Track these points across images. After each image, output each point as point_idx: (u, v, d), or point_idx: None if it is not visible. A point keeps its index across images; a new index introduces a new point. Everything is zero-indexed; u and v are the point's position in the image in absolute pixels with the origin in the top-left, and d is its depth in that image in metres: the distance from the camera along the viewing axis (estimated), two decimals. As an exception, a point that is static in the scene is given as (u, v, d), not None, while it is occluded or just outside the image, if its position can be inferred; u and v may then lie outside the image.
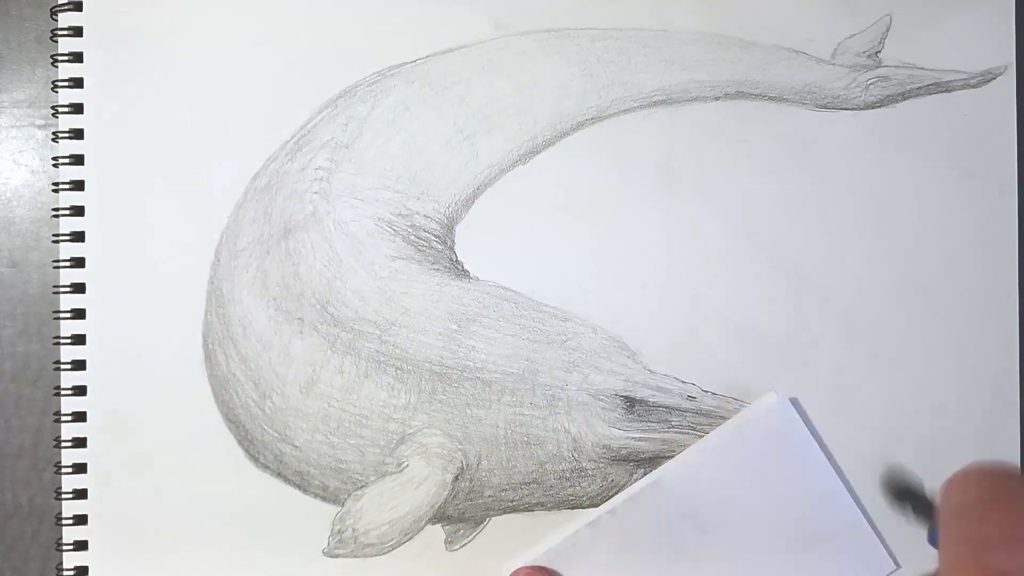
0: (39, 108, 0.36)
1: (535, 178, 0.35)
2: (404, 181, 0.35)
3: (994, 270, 0.35)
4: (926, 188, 0.35)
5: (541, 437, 0.34)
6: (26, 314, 0.35)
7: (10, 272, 0.35)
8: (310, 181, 0.35)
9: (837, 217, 0.35)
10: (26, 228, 0.36)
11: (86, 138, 0.35)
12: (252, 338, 0.34)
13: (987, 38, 0.35)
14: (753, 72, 0.35)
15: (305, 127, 0.35)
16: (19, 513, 0.35)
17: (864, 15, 0.35)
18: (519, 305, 0.35)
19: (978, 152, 0.35)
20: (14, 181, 0.36)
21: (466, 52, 0.35)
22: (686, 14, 0.35)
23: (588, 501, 0.35)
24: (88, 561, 0.34)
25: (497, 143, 0.35)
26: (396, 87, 0.35)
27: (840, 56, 0.35)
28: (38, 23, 0.36)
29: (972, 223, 0.35)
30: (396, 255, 0.35)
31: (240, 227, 0.35)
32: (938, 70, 0.35)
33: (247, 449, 0.34)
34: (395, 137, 0.35)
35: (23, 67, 0.36)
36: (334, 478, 0.34)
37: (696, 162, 0.35)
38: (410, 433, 0.34)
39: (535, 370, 0.34)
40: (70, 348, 0.34)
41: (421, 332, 0.34)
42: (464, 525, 0.35)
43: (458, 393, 0.34)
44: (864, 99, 0.35)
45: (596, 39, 0.35)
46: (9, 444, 0.35)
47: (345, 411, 0.34)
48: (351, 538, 0.34)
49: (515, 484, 0.34)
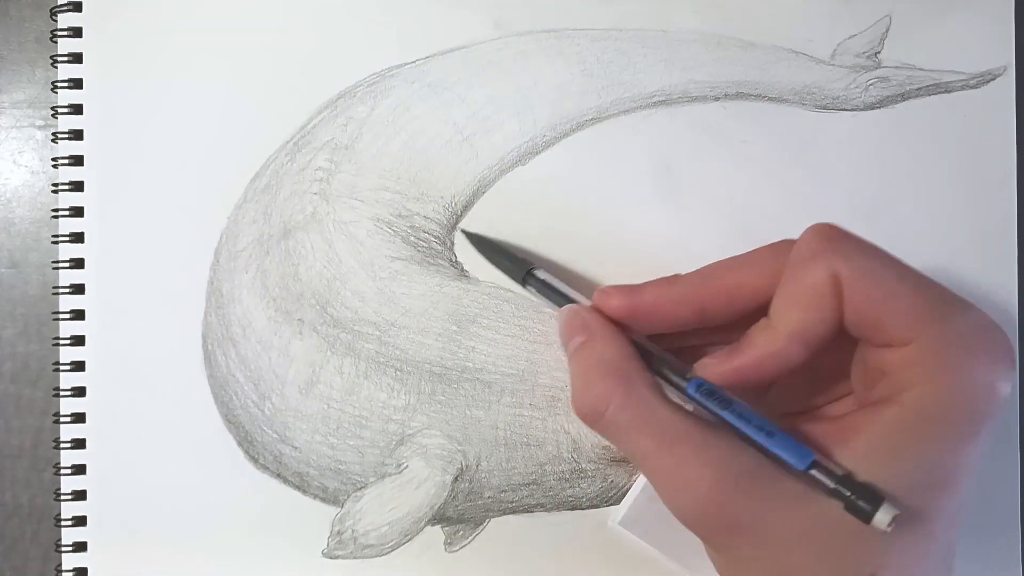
0: (39, 109, 0.36)
1: (535, 178, 0.35)
2: (404, 182, 0.35)
3: (994, 270, 0.35)
4: (926, 188, 0.35)
5: (541, 438, 0.34)
6: (26, 315, 0.35)
7: (10, 273, 0.35)
8: (310, 182, 0.35)
9: (837, 217, 0.35)
10: (26, 229, 0.36)
11: (86, 139, 0.35)
12: (252, 339, 0.34)
13: (986, 39, 0.35)
14: (753, 73, 0.35)
15: (305, 128, 0.35)
16: (19, 514, 0.35)
17: (863, 16, 0.35)
18: (519, 306, 0.35)
19: (978, 153, 0.35)
20: (14, 182, 0.36)
21: (466, 52, 0.35)
22: (686, 14, 0.35)
23: (588, 502, 0.35)
24: (87, 562, 0.34)
25: (497, 143, 0.35)
26: (396, 87, 0.35)
27: (840, 57, 0.35)
28: (38, 23, 0.36)
29: (972, 223, 0.35)
30: (396, 256, 0.35)
31: (240, 228, 0.35)
32: (937, 71, 0.35)
33: (247, 450, 0.34)
34: (395, 138, 0.35)
35: (23, 67, 0.36)
36: (334, 479, 0.34)
37: (696, 163, 0.35)
38: (410, 434, 0.34)
39: (535, 371, 0.34)
40: (70, 349, 0.34)
41: (421, 333, 0.34)
42: (464, 526, 0.35)
43: (458, 394, 0.34)
44: (864, 100, 0.35)
45: (596, 39, 0.35)
46: (9, 445, 0.35)
47: (345, 412, 0.34)
48: (350, 539, 0.34)
49: (515, 485, 0.34)
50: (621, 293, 0.29)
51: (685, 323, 0.28)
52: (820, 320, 0.25)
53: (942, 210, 0.35)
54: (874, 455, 0.24)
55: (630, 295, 0.29)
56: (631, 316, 0.29)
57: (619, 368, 0.27)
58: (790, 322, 0.26)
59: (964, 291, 0.35)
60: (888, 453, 0.24)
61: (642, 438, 0.26)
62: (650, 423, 0.26)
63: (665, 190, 0.35)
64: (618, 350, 0.28)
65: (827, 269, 0.25)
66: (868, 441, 0.25)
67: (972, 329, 0.25)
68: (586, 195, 0.35)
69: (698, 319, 0.28)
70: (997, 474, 0.35)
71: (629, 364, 0.27)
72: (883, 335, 0.25)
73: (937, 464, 0.24)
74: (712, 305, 0.28)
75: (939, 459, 0.24)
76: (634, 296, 0.29)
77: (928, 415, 0.24)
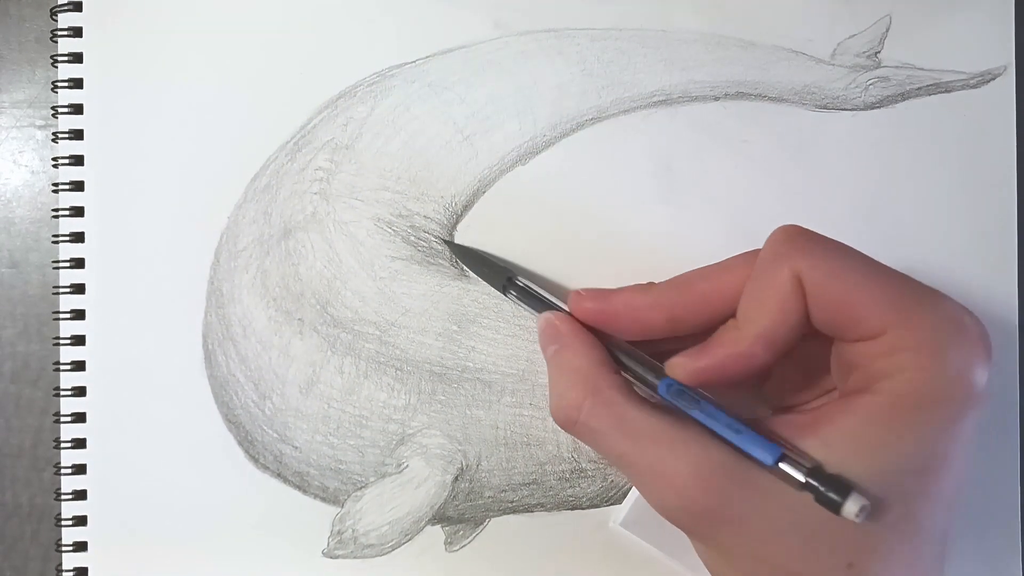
0: (39, 109, 0.36)
1: (535, 178, 0.35)
2: (404, 181, 0.35)
3: (994, 270, 0.35)
4: (926, 188, 0.35)
5: (541, 438, 0.34)
6: (26, 315, 0.35)
7: (10, 273, 0.35)
8: (310, 182, 0.35)
9: (836, 217, 0.35)
10: (26, 229, 0.36)
11: (86, 139, 0.35)
12: (252, 339, 0.34)
13: (986, 38, 0.35)
14: (753, 72, 0.35)
15: (305, 127, 0.35)
16: (19, 513, 0.35)
17: (863, 15, 0.35)
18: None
19: (978, 152, 0.35)
20: (14, 181, 0.36)
21: (466, 52, 0.35)
22: (686, 14, 0.35)
23: (588, 502, 0.35)
24: (88, 562, 0.34)
25: (497, 143, 0.35)
26: (396, 87, 0.35)
27: (840, 56, 0.35)
28: (38, 23, 0.36)
29: (972, 223, 0.35)
30: (396, 256, 0.35)
31: (240, 227, 0.35)
32: (937, 70, 0.35)
33: (247, 450, 0.34)
34: (395, 137, 0.35)
35: (23, 67, 0.36)
36: (334, 479, 0.34)
37: (696, 163, 0.35)
38: (410, 434, 0.34)
39: (535, 370, 0.34)
40: (70, 349, 0.34)
41: (421, 333, 0.34)
42: (464, 526, 0.35)
43: (458, 394, 0.34)
44: (864, 99, 0.35)
45: (596, 39, 0.35)
46: (9, 444, 0.35)
47: (345, 412, 0.34)
48: (351, 539, 0.34)
49: (515, 485, 0.34)
50: (593, 297, 0.29)
51: (658, 330, 0.29)
52: (783, 321, 0.26)
53: (942, 210, 0.35)
54: (846, 444, 0.25)
55: (601, 300, 0.29)
56: (603, 321, 0.29)
57: (588, 375, 0.28)
58: (755, 323, 0.26)
59: (964, 291, 0.35)
60: (860, 442, 0.24)
61: (616, 441, 0.26)
62: (622, 426, 0.26)
63: (665, 190, 0.35)
64: (587, 357, 0.28)
65: (789, 270, 0.25)
66: (840, 430, 0.25)
67: (944, 318, 0.25)
68: (586, 195, 0.35)
69: (671, 327, 0.28)
70: (997, 474, 0.35)
71: (598, 370, 0.28)
72: (853, 330, 0.25)
73: (913, 452, 0.24)
74: (684, 314, 0.28)
75: (914, 447, 0.24)
76: (606, 301, 0.29)
77: (901, 403, 0.24)
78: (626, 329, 0.29)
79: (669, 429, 0.26)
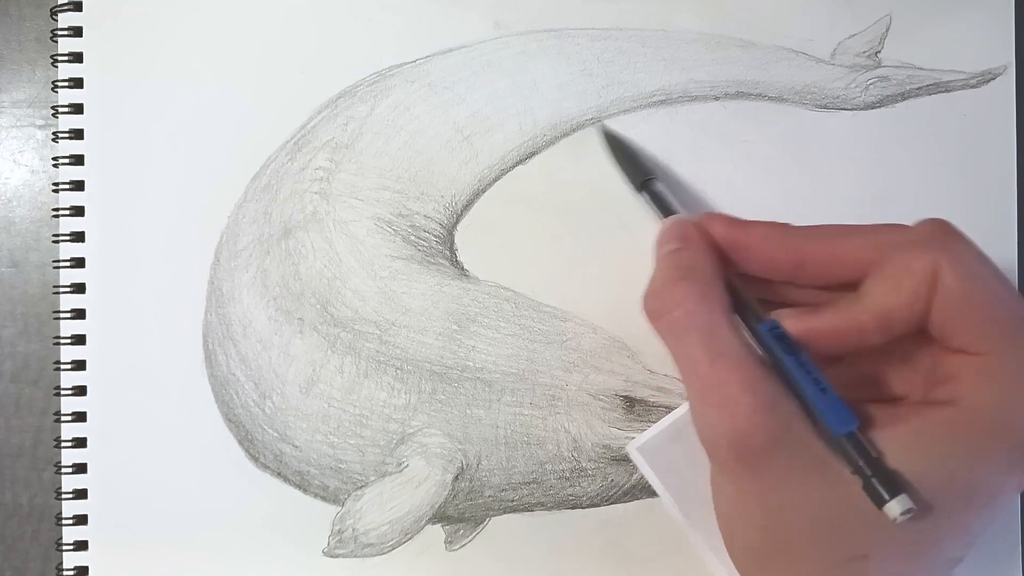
0: (39, 108, 0.36)
1: (535, 178, 0.35)
2: (404, 181, 0.35)
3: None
4: (926, 188, 0.35)
5: (541, 437, 0.34)
6: (26, 314, 0.35)
7: (10, 272, 0.36)
8: (310, 181, 0.35)
9: (837, 217, 0.35)
10: (26, 228, 0.36)
11: (86, 138, 0.35)
12: (252, 338, 0.34)
13: (986, 38, 0.35)
14: (753, 72, 0.35)
15: (305, 127, 0.35)
16: (19, 513, 0.35)
17: (864, 15, 0.35)
18: (519, 305, 0.35)
19: (978, 152, 0.35)
20: (14, 181, 0.36)
21: (466, 52, 0.35)
22: (686, 14, 0.35)
23: (588, 501, 0.35)
24: (88, 561, 0.34)
25: (497, 143, 0.35)
26: (396, 87, 0.35)
27: (840, 56, 0.35)
28: (38, 23, 0.36)
29: (972, 223, 0.35)
30: (396, 255, 0.35)
31: (240, 227, 0.35)
32: (938, 70, 0.35)
33: (247, 449, 0.34)
34: (395, 137, 0.35)
35: (23, 67, 0.36)
36: (334, 478, 0.34)
37: (696, 162, 0.35)
38: (410, 433, 0.34)
39: (535, 370, 0.34)
40: (70, 348, 0.34)
41: (421, 332, 0.34)
42: (464, 525, 0.35)
43: (458, 393, 0.34)
44: (864, 99, 0.35)
45: (596, 39, 0.35)
46: (9, 444, 0.35)
47: (345, 411, 0.34)
48: (351, 538, 0.34)
49: (515, 484, 0.34)
50: (728, 223, 0.29)
51: (780, 272, 0.28)
52: (909, 307, 0.25)
53: (942, 210, 0.35)
54: (912, 446, 0.24)
55: (737, 227, 0.29)
56: (732, 246, 0.28)
57: (700, 278, 0.27)
58: (881, 302, 0.26)
59: (964, 290, 0.35)
60: (926, 449, 0.24)
61: (697, 348, 0.26)
62: (710, 337, 0.26)
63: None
64: (708, 264, 0.28)
65: (931, 261, 0.25)
66: (912, 432, 0.25)
67: None
68: (586, 194, 0.35)
69: (794, 271, 0.28)
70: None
71: (712, 279, 0.27)
72: (961, 339, 0.25)
73: (969, 475, 0.24)
74: (811, 261, 0.27)
75: (972, 470, 0.24)
76: (740, 229, 0.28)
77: (980, 424, 0.24)
78: (752, 260, 0.28)
79: (750, 363, 0.25)
